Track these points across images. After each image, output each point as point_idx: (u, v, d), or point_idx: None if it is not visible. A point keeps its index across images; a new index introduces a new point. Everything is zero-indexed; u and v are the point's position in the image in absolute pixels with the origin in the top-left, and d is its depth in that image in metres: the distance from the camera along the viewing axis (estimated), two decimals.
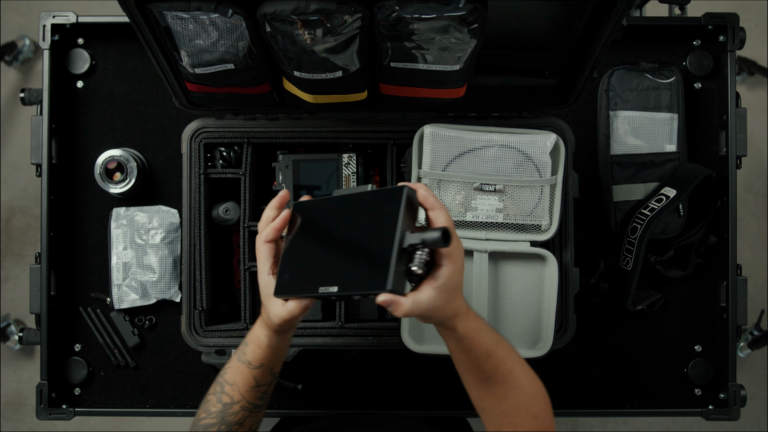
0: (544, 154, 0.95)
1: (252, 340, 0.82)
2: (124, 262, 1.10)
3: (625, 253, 1.10)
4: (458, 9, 0.72)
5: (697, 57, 1.14)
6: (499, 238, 0.97)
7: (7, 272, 1.91)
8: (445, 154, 0.95)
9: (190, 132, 1.01)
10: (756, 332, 1.74)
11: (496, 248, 0.96)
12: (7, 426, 1.87)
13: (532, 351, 0.97)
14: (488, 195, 0.96)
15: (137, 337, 1.12)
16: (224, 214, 1.04)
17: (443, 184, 0.96)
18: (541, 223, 0.97)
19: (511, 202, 0.96)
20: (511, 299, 0.98)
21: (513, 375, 0.77)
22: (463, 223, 0.97)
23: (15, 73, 1.95)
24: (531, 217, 0.96)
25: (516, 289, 0.98)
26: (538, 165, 0.95)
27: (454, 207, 0.96)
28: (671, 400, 1.14)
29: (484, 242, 0.96)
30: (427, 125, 0.95)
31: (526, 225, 0.97)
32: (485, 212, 0.96)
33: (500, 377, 0.77)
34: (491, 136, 0.95)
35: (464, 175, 0.95)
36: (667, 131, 1.11)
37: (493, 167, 0.96)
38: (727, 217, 1.10)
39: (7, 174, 1.92)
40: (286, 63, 0.82)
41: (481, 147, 0.95)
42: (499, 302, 0.98)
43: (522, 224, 0.97)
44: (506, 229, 0.97)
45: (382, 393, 1.14)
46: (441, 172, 0.95)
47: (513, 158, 0.95)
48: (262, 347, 0.81)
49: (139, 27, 0.78)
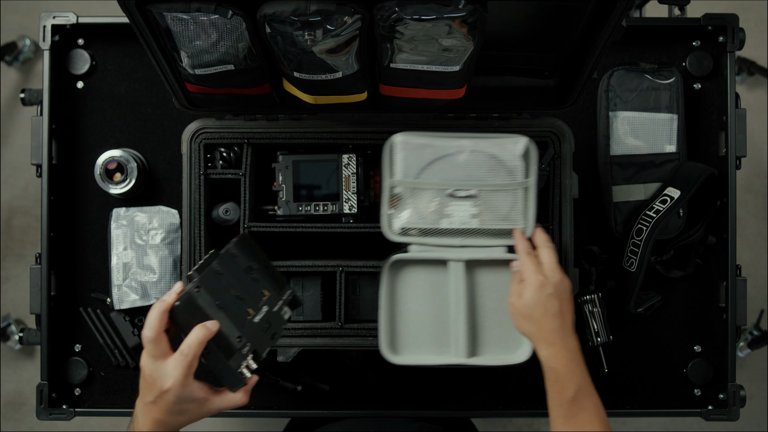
0: (516, 158, 0.95)
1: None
2: (124, 263, 1.10)
3: (629, 254, 1.10)
4: (458, 10, 0.72)
5: (696, 57, 1.15)
6: (475, 244, 0.97)
7: (7, 272, 1.91)
8: (417, 162, 0.95)
9: (190, 132, 1.01)
10: (755, 332, 1.74)
11: (472, 256, 0.96)
12: (7, 426, 1.87)
13: (512, 357, 0.97)
14: (462, 201, 0.96)
15: (137, 337, 1.12)
16: (224, 214, 1.04)
17: (417, 192, 0.96)
18: (516, 226, 0.97)
19: (486, 207, 0.96)
20: (490, 306, 0.98)
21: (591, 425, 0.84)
22: (439, 231, 0.96)
23: (15, 74, 1.96)
24: (506, 221, 0.96)
25: (494, 295, 0.98)
26: (510, 168, 0.95)
27: (429, 215, 0.96)
28: (671, 401, 1.14)
29: (460, 250, 0.96)
30: (397, 134, 0.95)
31: (502, 229, 0.97)
32: (460, 219, 0.96)
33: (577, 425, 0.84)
34: (462, 142, 0.95)
35: (437, 182, 0.95)
36: (667, 132, 1.11)
37: (466, 173, 0.95)
38: (726, 217, 1.10)
39: (7, 174, 1.93)
40: (286, 64, 0.82)
41: (453, 153, 0.95)
42: (477, 309, 0.98)
43: (498, 229, 0.96)
44: (482, 235, 0.97)
45: (382, 393, 1.14)
46: (414, 180, 0.95)
47: (485, 163, 0.95)
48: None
49: (139, 28, 0.78)
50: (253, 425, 1.85)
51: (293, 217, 1.02)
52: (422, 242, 0.96)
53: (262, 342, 0.85)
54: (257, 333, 0.84)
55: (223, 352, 0.80)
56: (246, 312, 0.85)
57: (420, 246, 0.96)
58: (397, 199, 0.95)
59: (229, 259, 0.87)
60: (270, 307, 0.88)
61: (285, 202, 1.02)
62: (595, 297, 1.11)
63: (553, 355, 0.85)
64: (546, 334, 0.86)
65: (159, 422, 0.78)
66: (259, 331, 0.85)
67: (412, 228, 0.96)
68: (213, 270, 0.83)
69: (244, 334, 0.82)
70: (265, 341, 0.86)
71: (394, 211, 0.96)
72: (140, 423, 0.79)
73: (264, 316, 0.86)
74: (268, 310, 0.87)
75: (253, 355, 0.83)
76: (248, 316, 0.85)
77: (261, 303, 0.87)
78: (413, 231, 0.96)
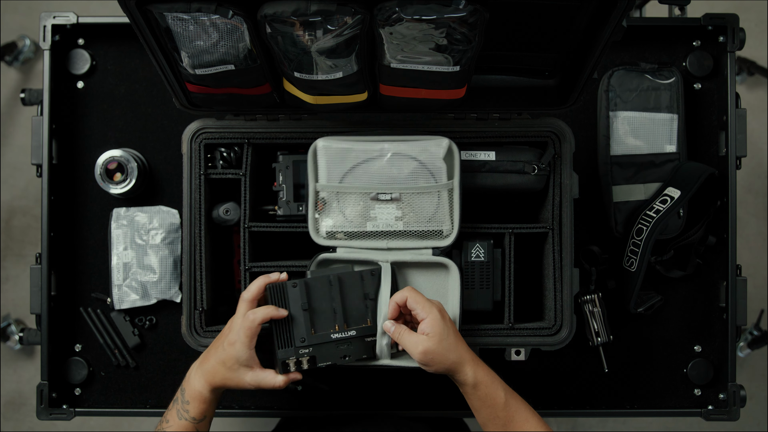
0: (438, 159, 0.95)
1: (194, 397, 0.90)
2: (124, 263, 1.11)
3: (629, 254, 1.10)
4: (458, 10, 0.72)
5: (696, 57, 1.15)
6: (401, 246, 0.97)
7: (8, 272, 1.91)
8: (340, 167, 0.96)
9: (190, 132, 1.01)
10: (756, 332, 1.74)
11: (397, 258, 0.97)
12: (8, 426, 1.87)
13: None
14: (385, 204, 0.96)
15: (137, 337, 1.13)
16: (224, 214, 1.04)
17: (341, 196, 0.97)
18: (442, 228, 0.97)
19: (410, 209, 0.97)
20: None
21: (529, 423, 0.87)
22: (364, 234, 0.97)
23: (15, 74, 1.96)
24: (431, 223, 0.97)
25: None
26: (433, 171, 0.96)
27: (354, 218, 0.97)
28: (671, 400, 1.14)
29: (386, 252, 0.97)
30: (319, 139, 0.96)
31: (427, 231, 0.97)
32: (384, 221, 0.97)
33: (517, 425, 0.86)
34: (383, 145, 0.95)
35: (361, 186, 0.96)
36: (667, 132, 1.11)
37: (388, 176, 0.96)
38: (726, 217, 1.10)
39: (7, 174, 1.93)
40: (286, 64, 0.82)
41: (375, 157, 0.95)
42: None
43: (422, 231, 0.97)
44: (407, 237, 0.98)
45: (382, 393, 1.14)
46: (337, 184, 0.96)
47: (407, 166, 0.95)
48: (206, 402, 0.90)
49: (140, 28, 0.78)
50: (253, 425, 1.85)
51: (293, 217, 1.02)
52: (349, 245, 0.97)
53: (326, 355, 0.92)
54: (327, 346, 0.92)
55: (278, 339, 0.90)
56: (330, 326, 0.92)
57: (347, 249, 0.97)
58: (323, 203, 0.97)
59: (353, 278, 0.93)
60: (360, 334, 0.93)
61: (285, 202, 1.02)
62: (595, 297, 1.11)
63: (478, 370, 0.88)
64: (465, 355, 0.88)
65: (212, 369, 0.89)
66: (332, 347, 0.92)
67: (339, 231, 0.97)
68: (325, 277, 0.92)
69: (310, 341, 0.91)
70: (330, 356, 0.92)
71: (319, 215, 0.97)
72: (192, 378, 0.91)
73: (345, 338, 0.92)
74: (356, 336, 0.93)
75: (309, 359, 0.91)
76: (329, 331, 0.92)
77: (352, 327, 0.93)
78: (339, 234, 0.97)
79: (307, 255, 1.01)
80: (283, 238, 1.03)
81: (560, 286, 1.01)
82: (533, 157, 1.01)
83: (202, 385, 0.89)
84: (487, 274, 1.01)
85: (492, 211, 1.09)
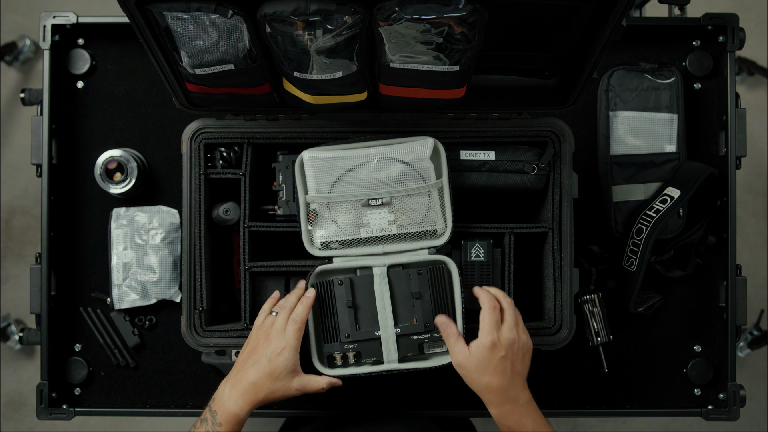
0: (425, 160, 0.95)
1: (228, 420, 0.87)
2: (124, 263, 1.11)
3: (629, 254, 1.10)
4: (458, 10, 0.72)
5: (696, 57, 1.15)
6: (397, 249, 0.97)
7: (7, 272, 1.91)
8: (328, 176, 0.95)
9: (190, 132, 1.01)
10: (755, 332, 1.74)
11: (394, 261, 0.97)
12: (7, 426, 1.87)
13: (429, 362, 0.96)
14: (377, 209, 0.96)
15: (137, 337, 1.13)
16: (224, 214, 1.04)
17: (332, 205, 0.96)
18: (435, 227, 0.97)
19: (401, 212, 0.97)
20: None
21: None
22: (359, 241, 0.97)
23: (15, 73, 1.96)
24: (424, 223, 0.97)
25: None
26: (421, 171, 0.96)
27: (347, 226, 0.97)
28: (671, 400, 1.14)
29: (382, 257, 0.97)
30: (305, 151, 0.95)
31: (421, 232, 0.97)
32: (378, 226, 0.97)
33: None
34: (369, 151, 0.95)
35: (350, 194, 0.96)
36: (667, 131, 1.11)
37: (377, 181, 0.96)
38: (726, 217, 1.10)
39: (7, 174, 1.93)
40: (285, 63, 0.82)
41: (362, 163, 0.95)
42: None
43: (416, 232, 0.97)
44: (402, 240, 0.97)
45: (383, 393, 1.14)
46: (327, 194, 0.96)
47: (395, 169, 0.95)
48: (240, 423, 0.88)
49: (139, 27, 0.78)
50: (253, 425, 1.85)
51: (293, 217, 1.02)
52: (345, 254, 0.97)
53: (371, 351, 0.94)
54: (372, 343, 0.94)
55: (325, 334, 0.94)
56: (374, 324, 0.94)
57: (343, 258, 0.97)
58: (314, 215, 0.97)
59: (399, 276, 0.95)
60: (404, 332, 0.94)
61: (285, 202, 1.02)
62: (595, 297, 1.11)
63: (504, 414, 0.88)
64: (494, 396, 0.88)
65: (254, 385, 0.87)
66: (376, 344, 0.94)
67: (333, 241, 0.97)
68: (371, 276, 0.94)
69: (354, 337, 0.93)
70: (375, 353, 0.94)
71: (312, 227, 0.97)
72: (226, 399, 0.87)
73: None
74: (400, 334, 0.94)
75: (355, 354, 0.94)
76: (373, 328, 0.94)
77: (398, 325, 0.94)
78: (334, 244, 0.97)
79: (307, 255, 1.01)
80: (283, 238, 1.03)
81: (560, 285, 1.01)
82: (533, 156, 1.01)
83: (240, 406, 0.87)
84: (487, 274, 1.01)
85: (492, 211, 1.09)
